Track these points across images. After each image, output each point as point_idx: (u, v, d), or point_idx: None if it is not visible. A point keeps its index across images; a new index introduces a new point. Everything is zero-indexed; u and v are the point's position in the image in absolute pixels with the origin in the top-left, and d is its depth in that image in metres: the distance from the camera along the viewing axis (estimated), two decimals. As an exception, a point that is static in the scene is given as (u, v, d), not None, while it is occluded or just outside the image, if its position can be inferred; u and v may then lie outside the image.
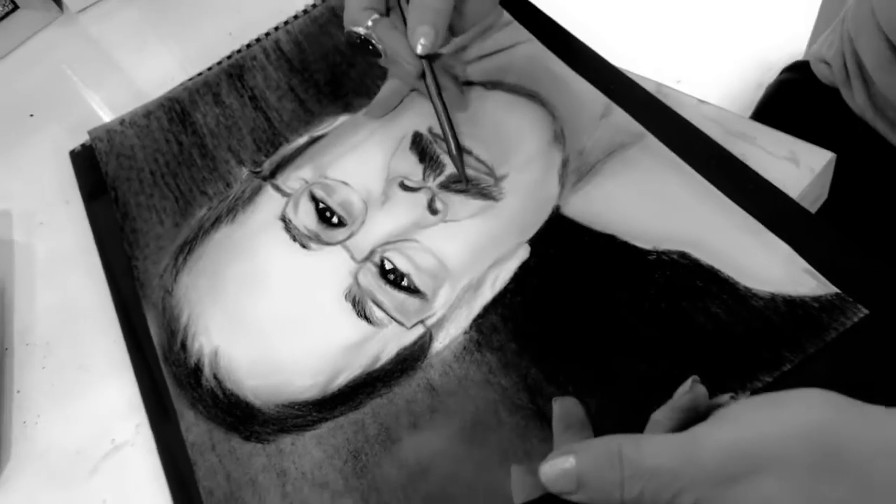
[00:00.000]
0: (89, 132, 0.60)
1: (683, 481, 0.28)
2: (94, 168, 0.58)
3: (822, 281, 0.38)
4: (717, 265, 0.40)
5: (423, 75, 0.47)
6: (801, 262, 0.39)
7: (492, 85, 0.53)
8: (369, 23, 0.47)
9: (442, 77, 0.49)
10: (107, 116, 0.65)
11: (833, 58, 0.70)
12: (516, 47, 0.54)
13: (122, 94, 0.66)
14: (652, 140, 0.46)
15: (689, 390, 0.32)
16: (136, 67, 0.70)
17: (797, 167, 0.44)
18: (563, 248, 0.44)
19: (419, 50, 0.45)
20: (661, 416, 0.33)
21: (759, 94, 0.80)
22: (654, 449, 0.29)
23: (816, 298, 0.38)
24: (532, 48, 0.54)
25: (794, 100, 0.75)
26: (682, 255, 0.41)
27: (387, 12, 0.49)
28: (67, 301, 0.52)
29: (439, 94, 0.47)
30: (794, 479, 0.27)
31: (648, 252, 0.42)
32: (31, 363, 0.50)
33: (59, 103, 0.69)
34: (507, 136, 0.50)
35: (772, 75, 0.81)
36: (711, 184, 0.43)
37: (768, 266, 0.40)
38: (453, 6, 0.46)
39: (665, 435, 0.30)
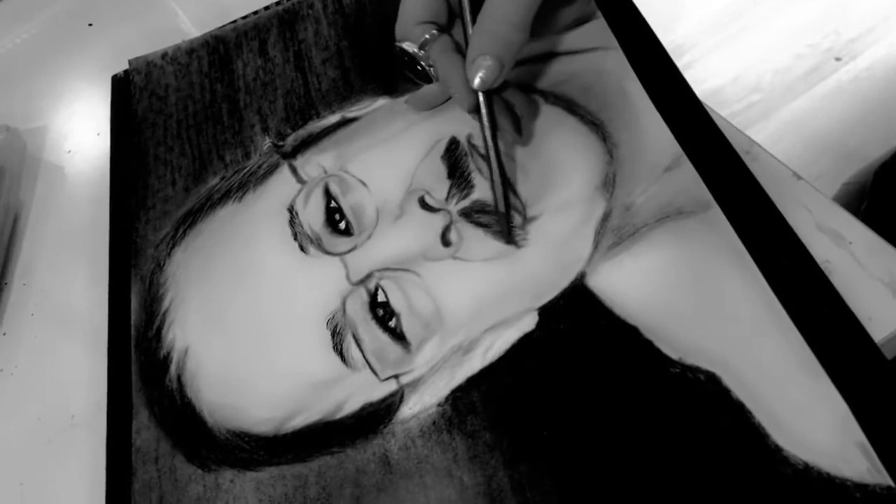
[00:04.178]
0: (130, 62, 0.56)
1: None
2: (128, 103, 0.55)
3: (877, 465, 0.30)
4: (751, 405, 0.32)
5: (476, 109, 0.40)
6: (858, 433, 0.30)
7: (555, 99, 0.44)
8: (426, 36, 0.40)
9: (500, 115, 0.41)
10: (173, 39, 0.59)
11: None
12: (595, 53, 0.45)
13: (203, 12, 0.60)
14: (717, 215, 0.37)
15: None
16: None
17: (895, 298, 0.34)
18: (574, 328, 0.36)
19: (476, 84, 0.38)
20: None
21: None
22: None
23: (862, 487, 0.29)
24: (613, 60, 0.44)
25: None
26: (712, 378, 0.33)
27: (448, 26, 0.41)
28: (72, 247, 0.50)
29: (494, 137, 0.39)
30: None
31: (672, 363, 0.34)
32: (24, 307, 0.48)
33: (124, 15, 0.64)
34: (554, 168, 0.41)
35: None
36: (775, 293, 0.34)
37: (815, 425, 0.31)
38: (528, 36, 0.37)
39: None
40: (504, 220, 0.39)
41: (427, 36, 0.42)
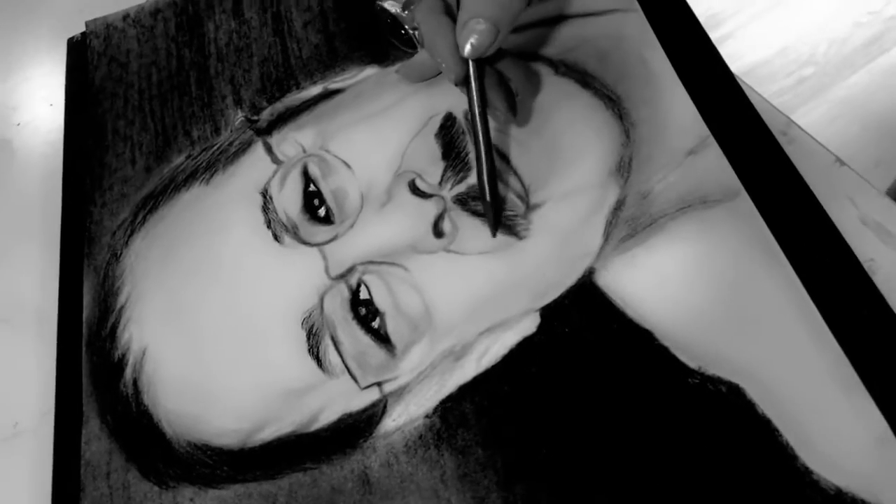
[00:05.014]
0: (87, 24, 0.57)
1: None
2: (84, 70, 0.55)
3: (919, 491, 0.30)
4: (778, 421, 0.33)
5: (465, 81, 0.40)
6: (899, 454, 0.31)
7: (566, 69, 0.45)
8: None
9: (493, 90, 0.41)
10: None
11: None
12: (612, 16, 0.45)
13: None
14: (747, 205, 0.37)
15: None
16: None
17: (945, 301, 0.34)
18: (580, 331, 0.37)
19: (466, 52, 0.38)
20: None
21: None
22: None
23: (902, 516, 0.30)
24: (633, 23, 0.44)
25: None
26: (735, 390, 0.34)
27: None
28: (20, 232, 0.51)
29: (483, 114, 0.39)
30: None
31: (691, 372, 0.35)
32: (-39, 296, 0.49)
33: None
34: (562, 149, 0.42)
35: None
36: (810, 295, 0.35)
37: (850, 446, 0.32)
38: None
39: None
40: (490, 211, 0.40)
41: None
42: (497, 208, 0.40)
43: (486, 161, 0.39)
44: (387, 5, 0.42)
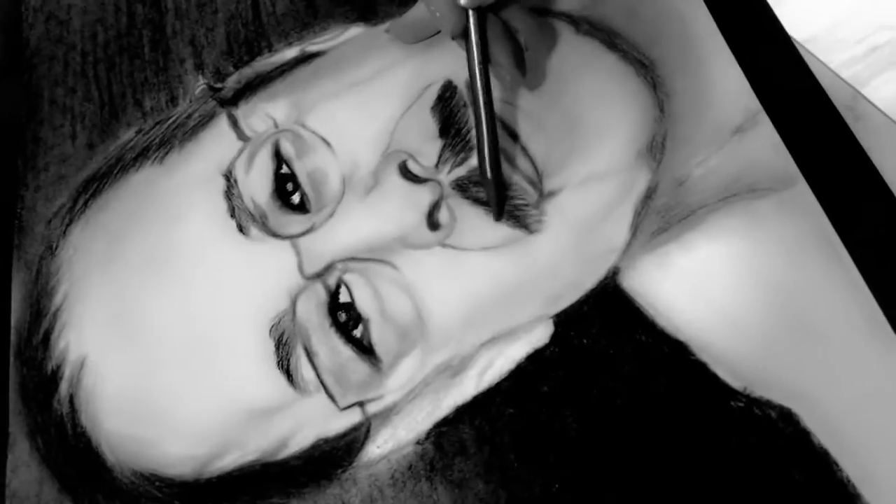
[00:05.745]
0: (22, -27, 0.56)
1: None
2: (17, 29, 0.55)
3: None
4: (837, 453, 0.32)
5: (464, 34, 0.39)
6: (984, 496, 0.30)
7: (589, 28, 0.44)
8: None
9: (496, 43, 0.41)
10: None
11: None
12: (644, -32, 0.45)
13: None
14: (804, 194, 0.37)
15: None
16: None
17: None
18: (601, 341, 0.37)
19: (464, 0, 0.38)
20: None
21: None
22: None
23: None
24: (668, -24, 0.44)
25: None
26: (787, 416, 0.33)
27: None
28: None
29: (484, 72, 0.39)
30: None
31: (734, 394, 0.34)
32: None
33: None
34: (584, 124, 0.41)
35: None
36: (879, 303, 0.34)
37: (924, 484, 0.31)
38: None
39: None
40: (491, 189, 0.39)
41: None
42: (499, 184, 0.39)
43: (486, 128, 0.39)
44: None
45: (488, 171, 0.39)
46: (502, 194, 0.40)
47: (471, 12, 0.39)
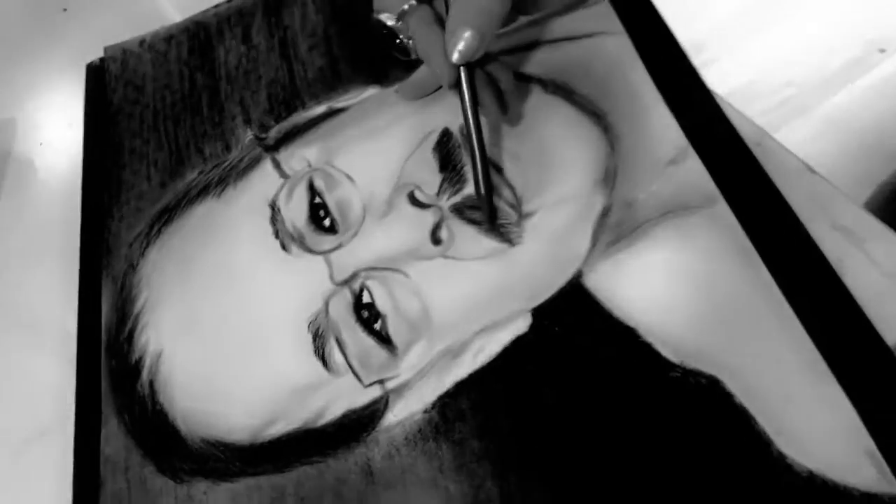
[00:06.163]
0: (105, 49, 0.59)
1: None
2: (102, 93, 0.57)
3: (886, 474, 0.31)
4: (754, 411, 0.34)
5: (458, 84, 0.41)
6: (867, 441, 0.32)
7: (554, 88, 0.46)
8: (405, 7, 0.42)
9: (483, 90, 0.43)
10: (152, 24, 0.62)
11: None
12: (598, 39, 0.47)
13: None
14: (724, 211, 0.39)
15: None
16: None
17: (909, 297, 0.36)
18: (570, 329, 0.38)
19: (455, 58, 0.40)
20: None
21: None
22: None
23: (870, 496, 0.31)
24: (618, 46, 0.46)
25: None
26: (714, 382, 0.35)
27: None
28: (42, 245, 0.53)
29: (475, 115, 0.41)
30: None
31: (673, 366, 0.36)
32: (-15, 305, 0.51)
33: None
34: (552, 161, 0.43)
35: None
36: (783, 294, 0.36)
37: (821, 432, 0.33)
38: (509, 5, 0.39)
39: None
40: (485, 204, 0.41)
41: (405, 7, 0.44)
42: (490, 195, 0.41)
43: (479, 155, 0.41)
44: (382, 17, 0.44)
45: (482, 189, 0.41)
46: (493, 207, 0.41)
47: (462, 68, 0.40)
